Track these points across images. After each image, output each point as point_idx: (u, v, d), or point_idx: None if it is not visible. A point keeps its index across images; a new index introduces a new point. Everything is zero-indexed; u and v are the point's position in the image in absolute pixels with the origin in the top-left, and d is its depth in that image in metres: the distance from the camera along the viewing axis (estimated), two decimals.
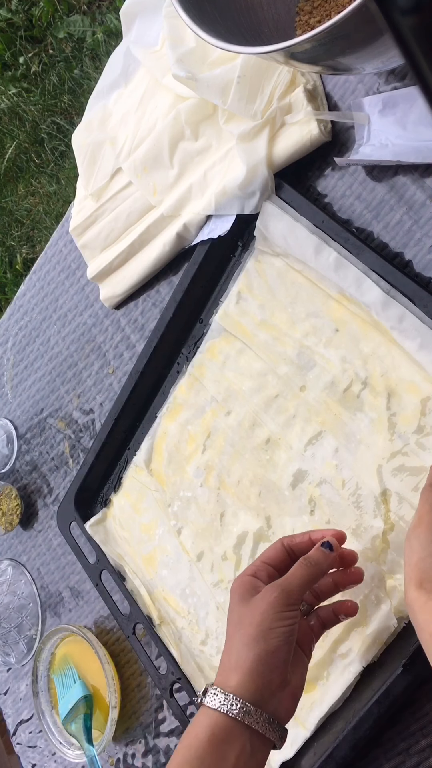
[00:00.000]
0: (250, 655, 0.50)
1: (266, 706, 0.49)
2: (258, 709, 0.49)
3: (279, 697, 0.50)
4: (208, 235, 0.72)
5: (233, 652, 0.51)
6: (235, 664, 0.50)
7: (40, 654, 0.87)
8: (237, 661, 0.50)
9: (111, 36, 1.90)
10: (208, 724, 0.49)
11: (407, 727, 0.60)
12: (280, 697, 0.50)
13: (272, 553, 0.57)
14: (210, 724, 0.49)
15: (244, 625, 0.51)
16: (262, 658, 0.50)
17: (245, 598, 0.53)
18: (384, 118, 0.62)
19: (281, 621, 0.51)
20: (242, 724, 0.49)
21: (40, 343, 0.96)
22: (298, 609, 0.52)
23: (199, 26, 0.56)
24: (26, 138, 2.09)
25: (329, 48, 0.51)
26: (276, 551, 0.57)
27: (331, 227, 0.64)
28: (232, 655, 0.51)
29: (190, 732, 0.50)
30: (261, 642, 0.50)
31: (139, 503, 0.79)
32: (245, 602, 0.53)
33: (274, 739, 0.50)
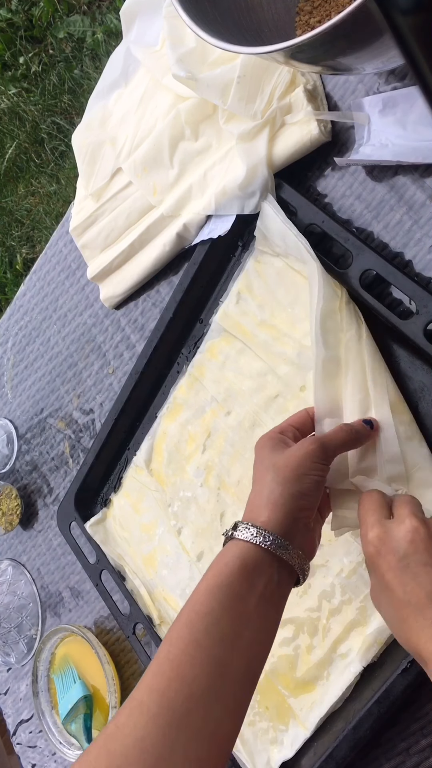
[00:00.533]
0: (284, 493, 0.52)
1: (294, 541, 0.52)
2: (289, 543, 0.51)
3: (305, 536, 0.53)
4: (208, 235, 0.72)
5: (264, 490, 0.53)
6: (266, 501, 0.52)
7: (40, 654, 0.87)
8: (269, 498, 0.52)
9: (111, 36, 1.90)
10: (239, 555, 0.51)
11: (407, 727, 0.60)
12: (306, 536, 0.53)
13: (298, 418, 0.60)
14: (241, 554, 0.51)
15: (278, 467, 0.53)
16: (296, 498, 0.52)
17: (277, 448, 0.55)
18: (384, 118, 0.62)
19: (315, 470, 0.53)
20: (272, 556, 0.51)
21: (40, 343, 0.96)
22: (328, 467, 0.55)
23: (199, 26, 0.56)
24: (26, 138, 2.10)
25: (329, 48, 0.51)
26: (301, 417, 0.60)
27: (331, 227, 0.64)
28: (263, 493, 0.53)
29: (218, 561, 0.51)
30: (296, 483, 0.52)
31: (139, 503, 0.79)
32: (279, 451, 0.55)
33: (299, 572, 0.52)
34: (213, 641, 0.48)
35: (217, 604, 0.49)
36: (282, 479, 0.53)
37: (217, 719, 0.46)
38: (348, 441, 0.56)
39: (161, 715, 0.45)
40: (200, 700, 0.46)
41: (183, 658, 0.47)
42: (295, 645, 0.64)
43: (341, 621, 0.61)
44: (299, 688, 0.63)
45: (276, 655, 0.65)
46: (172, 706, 0.46)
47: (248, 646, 0.48)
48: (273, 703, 0.65)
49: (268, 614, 0.50)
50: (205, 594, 0.50)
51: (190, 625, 0.49)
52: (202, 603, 0.50)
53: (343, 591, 0.62)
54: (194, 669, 0.47)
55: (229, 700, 0.47)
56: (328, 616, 0.62)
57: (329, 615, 0.62)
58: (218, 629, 0.48)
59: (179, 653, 0.48)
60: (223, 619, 0.48)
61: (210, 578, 0.51)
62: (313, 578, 0.64)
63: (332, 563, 0.63)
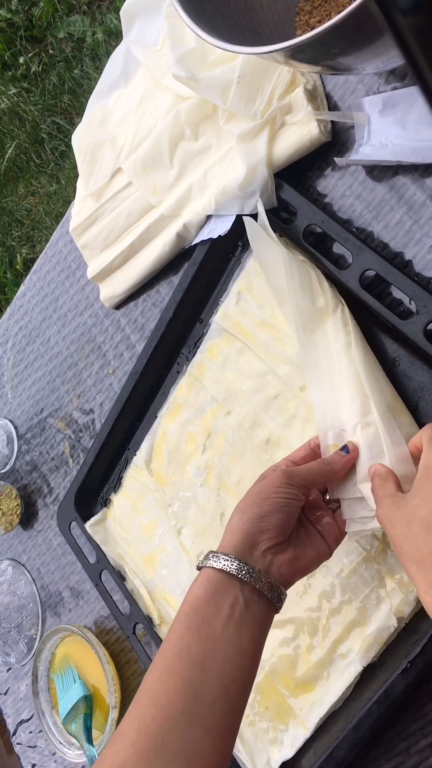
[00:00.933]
0: (242, 518, 0.54)
1: (255, 562, 0.53)
2: (242, 562, 0.52)
3: (272, 559, 0.53)
4: (208, 235, 0.72)
5: (232, 520, 0.55)
6: (229, 528, 0.55)
7: (40, 654, 0.87)
8: (230, 526, 0.55)
9: (111, 36, 1.90)
10: (204, 579, 0.53)
11: (407, 727, 0.60)
12: (275, 560, 0.54)
13: (298, 453, 0.61)
14: (205, 578, 0.53)
15: (245, 497, 0.56)
16: (252, 520, 0.54)
17: (257, 482, 0.58)
18: (384, 118, 0.62)
19: (277, 493, 0.55)
20: (232, 577, 0.52)
21: (40, 343, 0.96)
22: (299, 490, 0.56)
23: (199, 26, 0.56)
24: (26, 138, 2.09)
25: (329, 48, 0.51)
26: (302, 450, 0.61)
27: (331, 227, 0.63)
28: (230, 523, 0.55)
29: (190, 590, 0.53)
30: (255, 507, 0.54)
31: (139, 503, 0.79)
32: (254, 485, 0.57)
33: (268, 593, 0.52)
34: (184, 665, 0.49)
35: (185, 629, 0.51)
36: (244, 505, 0.55)
37: (195, 740, 0.47)
38: (319, 471, 0.57)
39: (139, 741, 0.47)
40: (176, 723, 0.47)
41: (157, 684, 0.49)
42: (295, 645, 0.64)
43: (341, 621, 0.61)
44: (299, 688, 0.63)
45: (276, 655, 0.65)
46: (149, 731, 0.47)
47: (221, 668, 0.49)
48: (273, 703, 0.65)
49: (240, 636, 0.51)
50: (176, 623, 0.52)
51: (163, 654, 0.51)
52: (173, 631, 0.51)
53: (343, 591, 0.62)
54: (168, 693, 0.48)
55: (207, 721, 0.48)
56: (328, 616, 0.62)
57: (329, 615, 0.62)
58: (188, 653, 0.50)
59: (154, 681, 0.49)
60: (193, 643, 0.50)
61: (181, 607, 0.52)
62: (313, 578, 0.64)
63: (332, 563, 0.63)
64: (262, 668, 0.66)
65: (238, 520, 0.54)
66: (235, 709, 0.50)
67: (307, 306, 0.63)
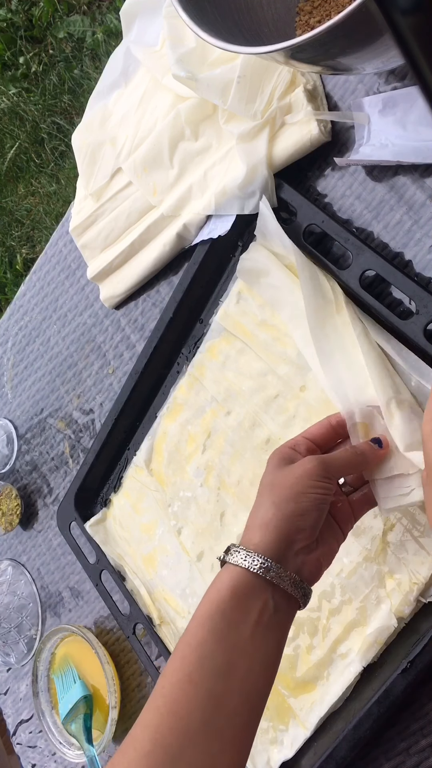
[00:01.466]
0: (278, 513, 0.50)
1: (288, 564, 0.49)
2: (279, 566, 0.49)
3: (303, 559, 0.50)
4: (208, 235, 0.72)
5: (261, 511, 0.51)
6: (260, 522, 0.50)
7: (40, 654, 0.87)
8: (263, 519, 0.50)
9: (111, 36, 1.90)
10: (230, 579, 0.49)
11: (407, 727, 0.60)
12: (305, 559, 0.50)
13: (316, 429, 0.57)
14: (232, 579, 0.49)
15: (276, 486, 0.52)
16: (289, 518, 0.50)
17: (281, 465, 0.53)
18: (384, 118, 0.62)
19: (314, 488, 0.51)
20: (264, 580, 0.49)
21: (40, 343, 0.96)
22: (334, 484, 0.53)
23: (199, 26, 0.56)
24: (26, 138, 2.09)
25: (329, 48, 0.51)
26: (321, 427, 0.57)
27: (331, 227, 0.64)
28: (259, 514, 0.51)
29: (211, 589, 0.50)
30: (291, 503, 0.50)
31: (139, 503, 0.79)
32: (281, 468, 0.53)
33: (298, 597, 0.50)
34: (206, 674, 0.46)
35: (210, 634, 0.47)
36: (277, 499, 0.51)
37: (214, 755, 0.45)
38: (353, 462, 0.54)
39: (155, 753, 0.44)
40: (195, 736, 0.45)
41: (177, 693, 0.46)
42: (295, 645, 0.64)
43: (341, 621, 0.61)
44: (299, 688, 0.63)
45: None
46: (166, 743, 0.44)
47: (245, 678, 0.46)
48: (273, 703, 0.65)
49: (266, 643, 0.48)
50: (197, 624, 0.48)
51: (183, 658, 0.47)
52: (194, 634, 0.48)
53: (343, 591, 0.62)
54: (189, 704, 0.45)
55: (226, 735, 0.46)
56: (328, 616, 0.62)
57: (329, 615, 0.62)
58: (211, 662, 0.46)
59: (172, 688, 0.46)
60: (217, 651, 0.47)
61: (202, 607, 0.49)
62: None
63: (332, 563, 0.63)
64: None
65: (273, 516, 0.50)
66: (254, 721, 0.47)
67: (317, 298, 0.62)
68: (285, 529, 0.50)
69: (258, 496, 0.53)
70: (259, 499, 0.53)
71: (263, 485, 0.53)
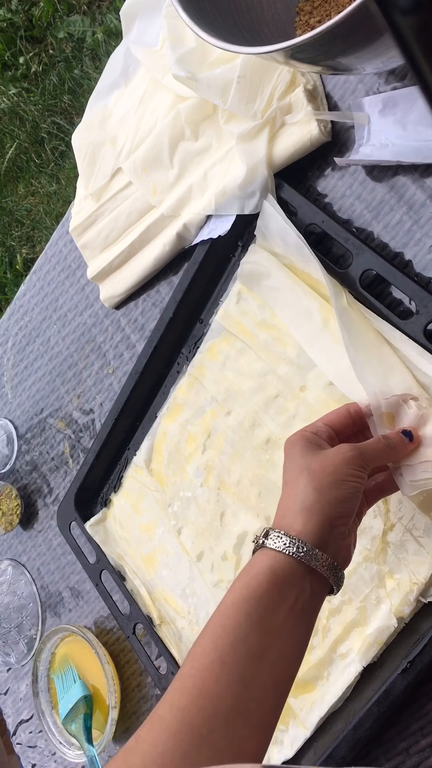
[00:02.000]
0: (321, 499, 0.49)
1: (328, 550, 0.49)
2: (323, 553, 0.48)
3: (341, 544, 0.50)
4: (208, 235, 0.72)
5: (299, 495, 0.50)
6: (300, 507, 0.50)
7: (40, 654, 0.87)
8: (304, 504, 0.50)
9: (111, 36, 1.90)
10: (270, 566, 0.48)
11: (407, 727, 0.60)
12: (341, 545, 0.50)
13: (335, 417, 0.57)
14: (271, 565, 0.48)
15: (314, 471, 0.51)
16: (333, 505, 0.49)
17: (311, 449, 0.52)
18: (384, 118, 0.62)
19: (354, 477, 0.51)
20: (305, 566, 0.48)
21: (40, 343, 0.96)
22: (367, 473, 0.52)
23: (199, 26, 0.56)
24: (26, 138, 2.09)
25: (329, 48, 0.51)
26: (339, 416, 0.57)
27: (331, 227, 0.64)
28: (297, 498, 0.50)
29: (247, 573, 0.49)
30: (333, 489, 0.50)
31: (139, 503, 0.79)
32: (312, 453, 0.52)
33: (333, 583, 0.50)
34: (239, 657, 0.45)
35: (245, 618, 0.46)
36: (318, 484, 0.50)
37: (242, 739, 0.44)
38: (385, 453, 0.54)
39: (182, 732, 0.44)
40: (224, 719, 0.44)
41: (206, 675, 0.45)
42: None
43: (341, 621, 0.61)
44: (299, 688, 0.63)
45: None
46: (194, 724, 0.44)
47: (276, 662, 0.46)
48: None
49: (299, 629, 0.48)
50: (232, 607, 0.47)
51: (215, 639, 0.46)
52: (228, 616, 0.47)
53: (343, 591, 0.62)
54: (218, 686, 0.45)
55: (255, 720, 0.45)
56: (328, 616, 0.62)
57: (329, 615, 0.62)
58: (245, 645, 0.46)
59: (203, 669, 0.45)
60: (251, 635, 0.46)
61: (237, 590, 0.48)
62: None
63: None
64: None
65: (315, 501, 0.49)
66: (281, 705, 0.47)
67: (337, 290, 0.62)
68: (329, 516, 0.49)
69: (290, 479, 0.52)
70: (293, 482, 0.51)
71: (296, 469, 0.52)
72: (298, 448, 0.53)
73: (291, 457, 0.53)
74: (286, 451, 0.54)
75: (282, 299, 0.67)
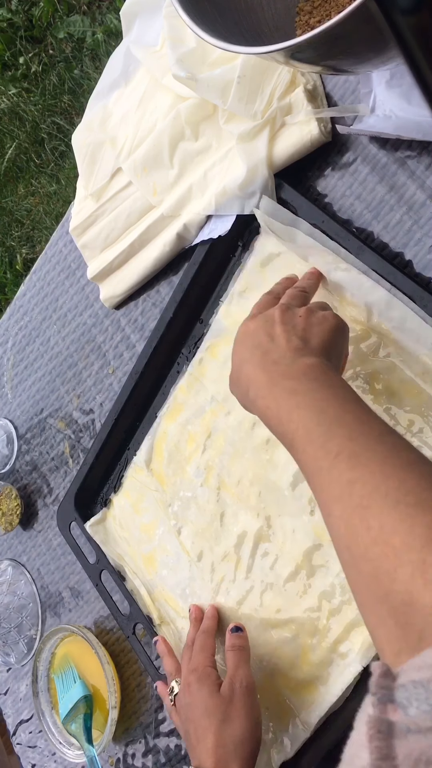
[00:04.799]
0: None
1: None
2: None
3: None
4: (208, 235, 0.72)
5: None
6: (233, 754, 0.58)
7: (40, 654, 0.87)
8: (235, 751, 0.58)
9: (111, 36, 1.90)
10: None
11: None
12: None
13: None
14: None
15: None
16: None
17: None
18: (390, 89, 0.61)
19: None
20: None
21: (40, 343, 0.96)
22: None
23: (199, 26, 0.56)
24: (26, 138, 2.09)
25: (329, 48, 0.51)
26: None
27: (331, 227, 0.64)
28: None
29: None
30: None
31: (139, 503, 0.79)
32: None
33: None
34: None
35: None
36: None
37: None
38: None
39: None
40: None
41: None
42: (295, 645, 0.64)
43: (341, 621, 0.61)
44: (299, 688, 0.63)
45: (276, 655, 0.65)
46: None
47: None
48: (273, 703, 0.65)
49: None
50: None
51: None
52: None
53: (343, 591, 0.62)
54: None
55: None
56: (328, 616, 0.62)
57: (329, 615, 0.62)
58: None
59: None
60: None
61: None
62: (313, 578, 0.64)
63: (332, 563, 0.63)
64: (262, 668, 0.66)
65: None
66: None
67: None
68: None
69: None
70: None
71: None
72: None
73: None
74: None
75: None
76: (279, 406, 0.50)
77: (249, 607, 0.68)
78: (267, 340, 0.55)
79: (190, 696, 0.62)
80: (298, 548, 0.65)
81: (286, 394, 0.50)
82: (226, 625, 0.68)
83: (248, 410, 0.56)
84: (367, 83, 0.63)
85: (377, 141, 0.64)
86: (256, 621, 0.67)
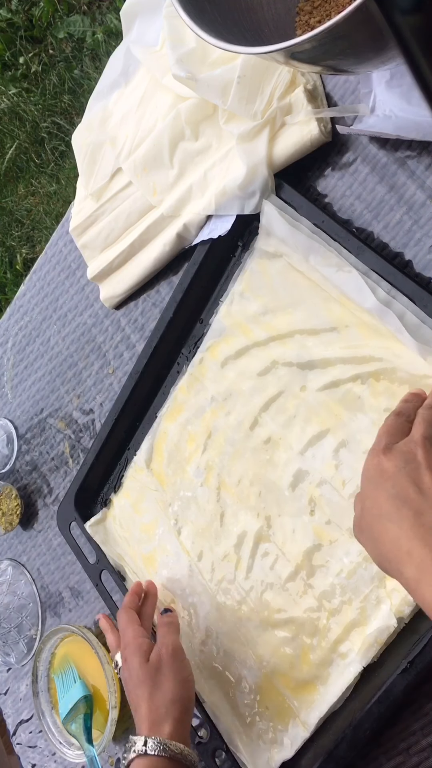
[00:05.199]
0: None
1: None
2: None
3: None
4: (208, 235, 0.72)
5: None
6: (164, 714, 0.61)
7: (40, 654, 0.87)
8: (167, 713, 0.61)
9: (111, 36, 1.90)
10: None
11: (407, 727, 0.60)
12: None
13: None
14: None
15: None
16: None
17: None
18: (390, 89, 0.61)
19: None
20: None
21: (40, 343, 0.96)
22: None
23: (199, 26, 0.56)
24: (26, 138, 2.09)
25: (329, 48, 0.51)
26: None
27: (331, 227, 0.64)
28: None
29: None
30: None
31: (139, 503, 0.79)
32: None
33: None
34: None
35: None
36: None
37: None
38: None
39: None
40: None
41: None
42: (295, 645, 0.64)
43: (341, 621, 0.61)
44: (299, 688, 0.63)
45: (276, 655, 0.65)
46: None
47: None
48: (273, 703, 0.65)
49: None
50: None
51: None
52: None
53: (343, 591, 0.62)
54: None
55: None
56: (328, 617, 0.62)
57: (329, 615, 0.62)
58: None
59: None
60: None
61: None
62: (313, 578, 0.64)
63: (332, 563, 0.63)
64: (262, 668, 0.66)
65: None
66: None
67: None
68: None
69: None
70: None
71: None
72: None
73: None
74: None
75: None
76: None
77: (249, 607, 0.68)
78: (415, 493, 0.46)
79: (127, 670, 0.65)
80: (298, 548, 0.65)
81: None
82: (225, 625, 0.68)
83: (383, 569, 0.49)
84: (367, 83, 0.63)
85: (377, 141, 0.64)
86: (256, 621, 0.67)
